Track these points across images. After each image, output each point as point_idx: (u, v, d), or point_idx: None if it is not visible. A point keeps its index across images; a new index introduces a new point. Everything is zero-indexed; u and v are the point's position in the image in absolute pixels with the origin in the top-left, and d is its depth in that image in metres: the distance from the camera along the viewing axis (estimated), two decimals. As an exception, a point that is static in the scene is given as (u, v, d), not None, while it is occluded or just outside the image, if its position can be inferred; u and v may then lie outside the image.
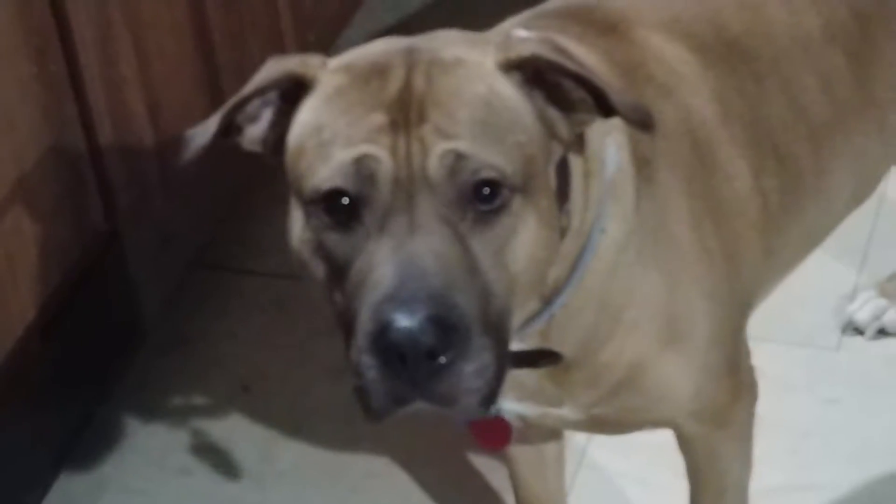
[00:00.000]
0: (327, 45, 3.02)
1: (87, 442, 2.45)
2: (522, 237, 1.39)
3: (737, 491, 1.91)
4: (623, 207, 1.56)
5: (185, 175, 2.46)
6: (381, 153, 1.35)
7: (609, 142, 1.55)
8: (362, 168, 1.35)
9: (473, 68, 1.40)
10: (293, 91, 1.44)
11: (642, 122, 1.41)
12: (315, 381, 2.51)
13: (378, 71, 1.39)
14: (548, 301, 1.53)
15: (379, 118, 1.36)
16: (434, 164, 1.34)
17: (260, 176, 2.61)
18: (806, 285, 2.12)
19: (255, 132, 1.48)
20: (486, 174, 1.35)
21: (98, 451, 2.46)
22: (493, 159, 1.36)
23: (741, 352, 1.80)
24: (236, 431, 2.47)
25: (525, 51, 1.41)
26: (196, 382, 2.57)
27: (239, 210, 2.83)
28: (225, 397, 2.53)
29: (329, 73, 1.42)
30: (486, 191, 1.36)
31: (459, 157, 1.35)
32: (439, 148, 1.34)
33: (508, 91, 1.40)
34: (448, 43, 1.44)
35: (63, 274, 2.32)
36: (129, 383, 2.55)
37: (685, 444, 1.85)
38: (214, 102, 2.63)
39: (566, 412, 1.68)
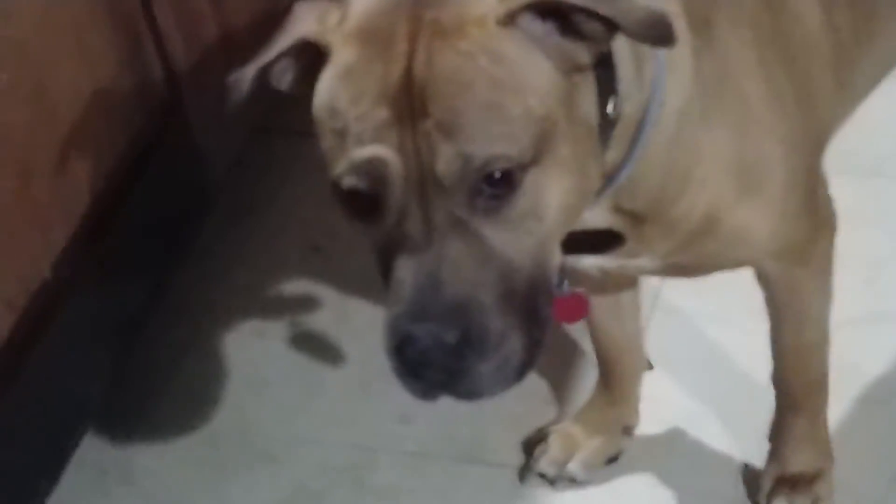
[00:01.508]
0: None
1: (162, 310, 2.48)
2: (544, 202, 1.38)
3: (818, 324, 1.90)
4: (681, 77, 1.53)
5: (245, 39, 2.44)
6: (389, 155, 1.35)
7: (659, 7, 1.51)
8: (373, 170, 1.36)
9: (474, 34, 1.36)
10: (312, 51, 1.44)
11: (661, 38, 1.37)
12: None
13: (383, 42, 1.37)
14: (609, 177, 1.52)
15: (384, 113, 1.35)
16: (441, 168, 1.34)
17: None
18: (873, 115, 2.08)
19: (284, 85, 1.51)
20: (494, 166, 1.35)
21: (174, 318, 2.49)
22: (499, 148, 1.34)
23: (819, 188, 1.78)
24: (309, 292, 2.49)
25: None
26: (267, 246, 2.59)
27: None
28: (297, 259, 2.55)
29: (342, 39, 1.41)
30: (497, 175, 1.35)
31: (465, 158, 1.34)
32: (445, 151, 1.34)
33: (513, 50, 1.37)
34: None
35: (128, 142, 2.31)
36: (199, 250, 2.57)
37: (765, 281, 1.84)
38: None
39: (644, 262, 1.68)
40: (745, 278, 1.86)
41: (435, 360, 1.36)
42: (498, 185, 1.35)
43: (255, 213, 2.64)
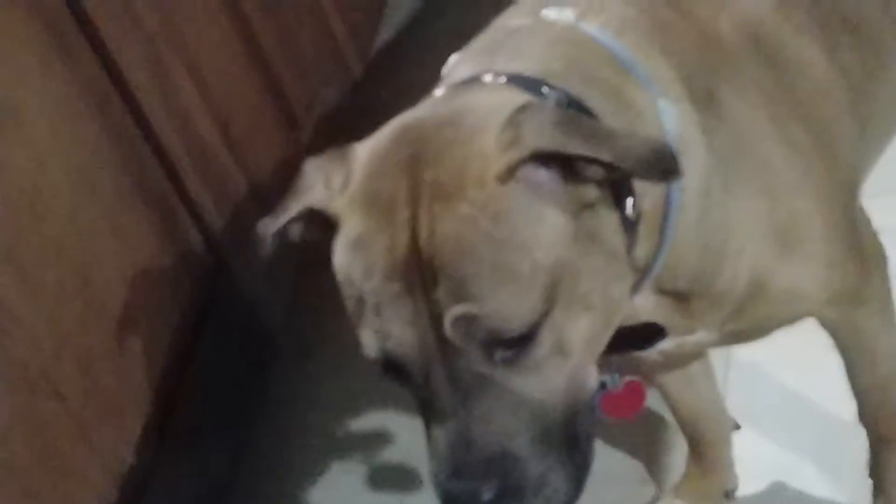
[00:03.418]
0: (376, 21, 3.00)
1: (244, 469, 2.48)
2: (566, 341, 1.38)
3: (891, 358, 1.88)
4: (696, 157, 1.52)
5: (271, 187, 2.47)
6: (405, 334, 1.36)
7: (661, 106, 1.51)
8: (393, 349, 1.37)
9: (474, 195, 1.35)
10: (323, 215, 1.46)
11: (666, 172, 1.36)
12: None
13: (386, 208, 1.37)
14: (645, 271, 1.52)
15: (395, 287, 1.36)
16: (449, 331, 1.35)
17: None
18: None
19: (303, 239, 1.52)
20: (502, 330, 1.35)
21: (257, 473, 2.49)
22: (508, 309, 1.34)
23: (861, 228, 1.76)
24: (382, 423, 2.48)
25: (524, 148, 1.35)
26: (332, 383, 2.59)
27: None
28: (363, 390, 2.54)
29: (348, 207, 1.42)
30: (511, 337, 1.36)
31: (472, 319, 1.34)
32: (452, 314, 1.34)
33: (515, 206, 1.36)
34: (448, 144, 1.38)
35: (181, 313, 2.34)
36: (271, 399, 2.58)
37: (828, 327, 1.82)
38: (279, 104, 2.65)
39: (700, 337, 1.67)
40: (810, 319, 1.84)
41: None
42: (512, 342, 1.35)
43: (314, 351, 2.65)
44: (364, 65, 3.22)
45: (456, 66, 1.57)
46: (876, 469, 2.02)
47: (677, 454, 2.22)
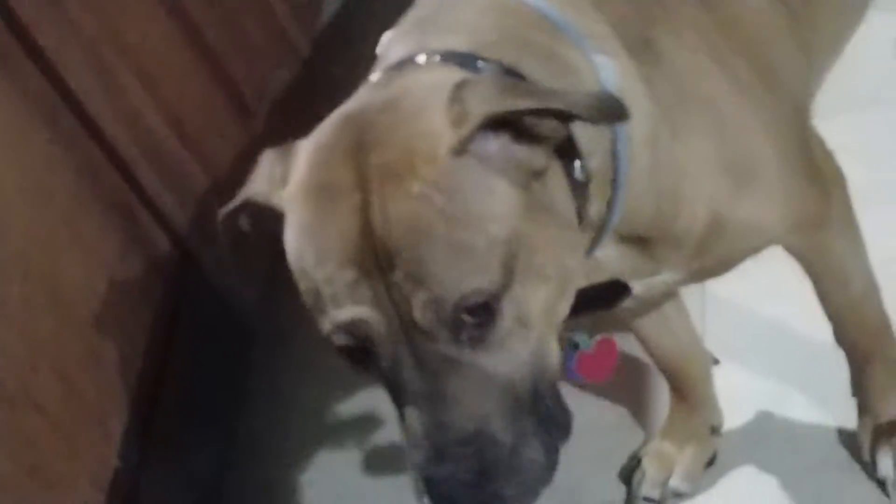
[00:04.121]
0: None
1: (235, 461, 2.48)
2: (527, 313, 1.38)
3: (860, 275, 1.88)
4: (639, 107, 1.51)
5: (230, 176, 2.46)
6: (367, 313, 1.35)
7: (598, 62, 1.50)
8: (356, 329, 1.36)
9: (426, 172, 1.34)
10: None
11: (615, 115, 1.37)
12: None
13: (333, 195, 1.37)
14: (602, 227, 1.53)
15: (351, 273, 1.35)
16: (418, 317, 1.34)
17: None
18: (857, 46, 2.06)
19: (256, 231, 1.52)
20: (468, 302, 1.34)
21: (249, 463, 2.50)
22: (470, 284, 1.34)
23: (815, 150, 1.76)
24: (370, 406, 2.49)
25: (475, 116, 1.34)
26: (314, 366, 2.59)
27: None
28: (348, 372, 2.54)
29: (289, 198, 1.41)
30: (473, 306, 1.35)
31: (438, 301, 1.34)
32: (418, 299, 1.33)
33: (467, 181, 1.35)
34: (391, 128, 1.37)
35: (154, 314, 2.34)
36: (253, 388, 2.57)
37: (795, 253, 1.83)
38: (230, 92, 2.64)
39: (667, 276, 1.67)
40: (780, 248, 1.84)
41: (461, 498, 1.37)
42: (477, 315, 1.35)
43: (292, 336, 2.64)
44: (311, 43, 3.20)
45: (390, 44, 1.56)
46: (859, 387, 2.03)
47: (663, 398, 2.22)
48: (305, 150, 1.43)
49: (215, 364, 2.48)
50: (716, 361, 2.19)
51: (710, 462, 2.15)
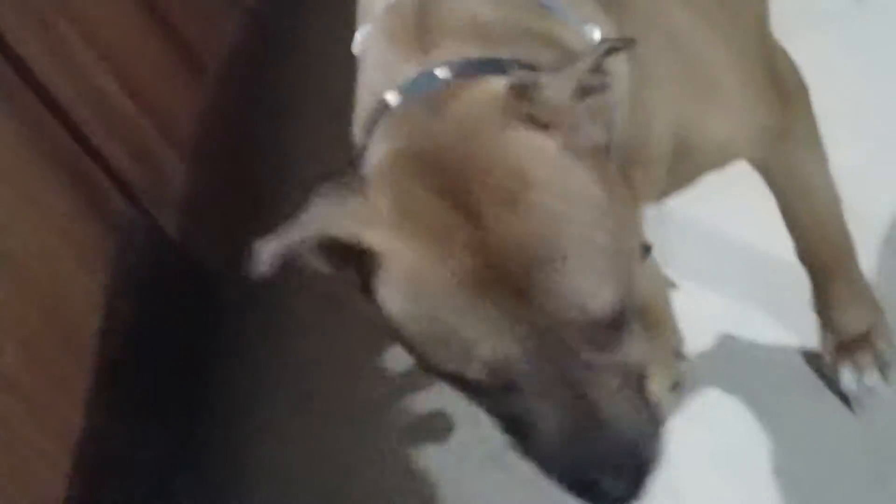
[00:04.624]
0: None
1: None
2: (641, 298, 1.37)
3: (824, 189, 1.88)
4: (621, 64, 1.49)
5: (185, 134, 2.45)
6: (512, 348, 1.30)
7: (587, 33, 1.49)
8: (503, 367, 1.31)
9: (538, 177, 1.31)
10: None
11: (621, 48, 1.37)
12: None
13: (441, 240, 1.31)
14: None
15: (488, 309, 1.29)
16: (565, 335, 1.30)
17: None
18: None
19: (313, 268, 1.40)
20: (609, 310, 1.31)
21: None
22: (607, 292, 1.30)
23: (779, 64, 1.75)
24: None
25: (563, 110, 1.32)
26: (285, 322, 2.58)
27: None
28: (319, 325, 2.53)
29: (389, 241, 1.33)
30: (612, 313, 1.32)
31: (583, 314, 1.30)
32: (561, 317, 1.29)
33: (581, 179, 1.34)
34: (472, 156, 1.32)
35: (113, 274, 2.32)
36: (222, 350, 2.56)
37: (759, 167, 1.83)
38: (178, 47, 2.63)
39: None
40: (738, 166, 1.82)
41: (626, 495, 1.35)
42: (613, 318, 1.32)
43: (260, 297, 2.61)
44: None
45: (378, 51, 1.50)
46: (821, 304, 2.04)
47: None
48: (383, 193, 1.35)
49: (182, 324, 2.48)
50: (673, 285, 2.19)
51: (676, 387, 2.15)
